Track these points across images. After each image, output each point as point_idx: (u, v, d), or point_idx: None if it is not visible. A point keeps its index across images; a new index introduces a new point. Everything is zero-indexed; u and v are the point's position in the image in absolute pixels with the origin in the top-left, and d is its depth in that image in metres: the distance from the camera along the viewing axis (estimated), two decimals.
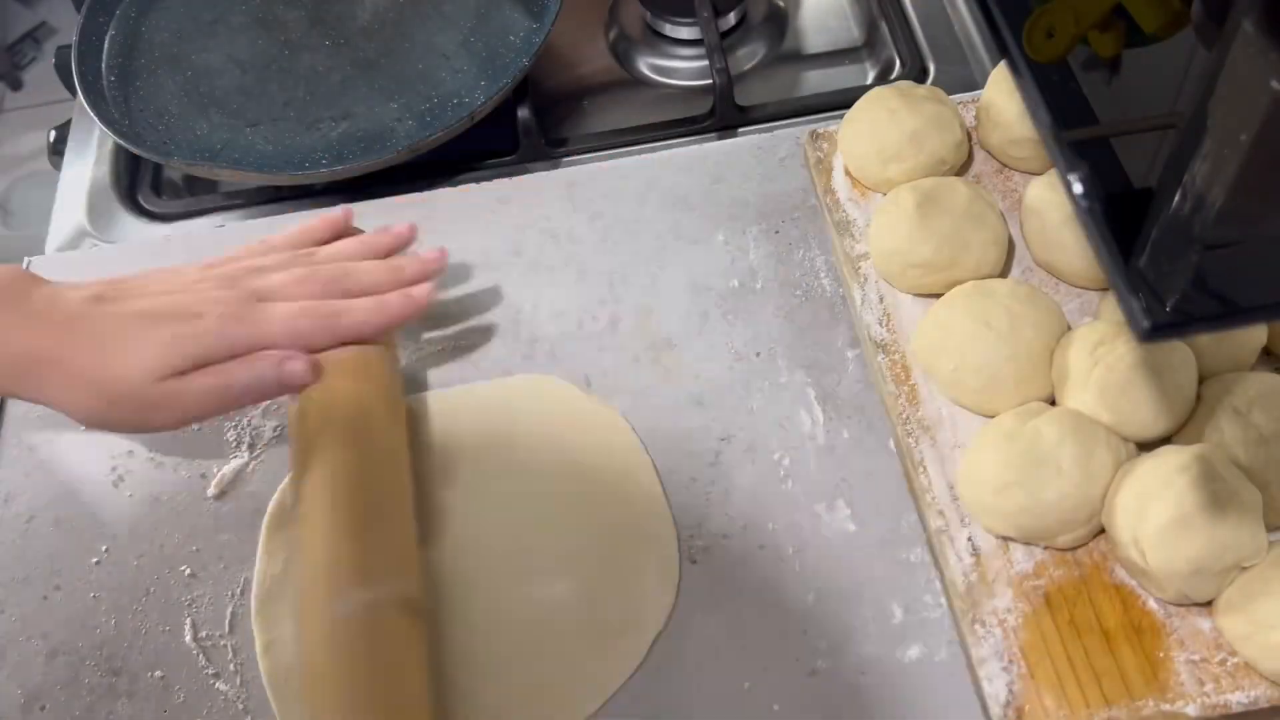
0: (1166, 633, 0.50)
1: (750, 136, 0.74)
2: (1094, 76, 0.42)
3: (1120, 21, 0.41)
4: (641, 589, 0.55)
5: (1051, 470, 0.51)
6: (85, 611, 0.57)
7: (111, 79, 0.78)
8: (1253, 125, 0.30)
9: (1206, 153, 0.32)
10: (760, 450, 0.59)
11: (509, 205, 0.71)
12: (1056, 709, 0.49)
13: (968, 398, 0.57)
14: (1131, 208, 0.35)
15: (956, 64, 0.78)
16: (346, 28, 0.81)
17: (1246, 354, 0.56)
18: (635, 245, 0.68)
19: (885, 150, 0.65)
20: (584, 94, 0.86)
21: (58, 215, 0.77)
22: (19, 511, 0.61)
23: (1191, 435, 0.54)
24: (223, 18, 0.82)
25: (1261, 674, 0.48)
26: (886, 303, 0.62)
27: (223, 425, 0.63)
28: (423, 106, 0.76)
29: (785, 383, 0.62)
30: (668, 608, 0.54)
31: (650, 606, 0.54)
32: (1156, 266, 0.33)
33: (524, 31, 0.79)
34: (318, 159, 0.73)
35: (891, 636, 0.53)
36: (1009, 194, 0.66)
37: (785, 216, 0.69)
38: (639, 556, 0.56)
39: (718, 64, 0.77)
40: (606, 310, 0.66)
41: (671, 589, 0.55)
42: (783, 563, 0.56)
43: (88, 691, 0.55)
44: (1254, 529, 0.49)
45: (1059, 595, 0.52)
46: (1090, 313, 0.60)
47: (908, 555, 0.55)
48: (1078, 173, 0.35)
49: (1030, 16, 0.41)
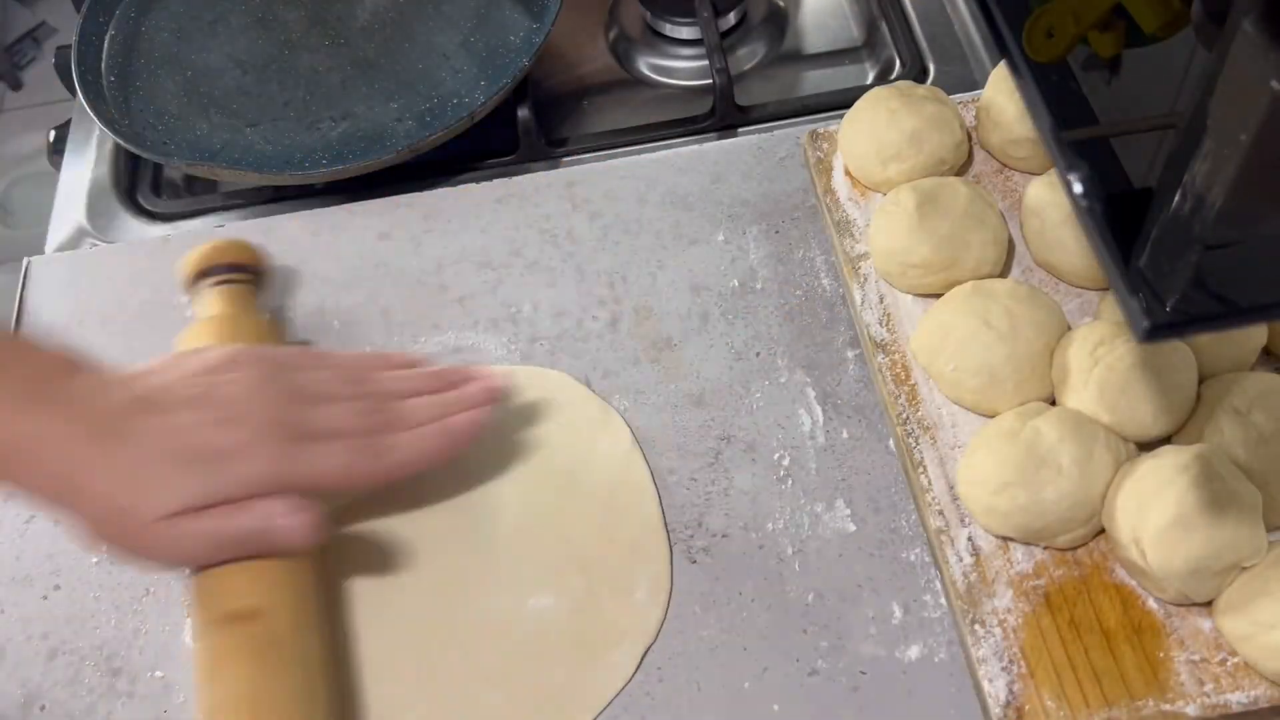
0: (1166, 633, 0.50)
1: (750, 136, 0.74)
2: (1094, 76, 0.42)
3: (1120, 21, 0.41)
4: (632, 602, 0.55)
5: (1051, 470, 0.51)
6: (85, 611, 0.57)
7: (111, 79, 0.78)
8: (1252, 125, 0.30)
9: (1206, 153, 0.32)
10: (760, 450, 0.59)
11: (509, 205, 0.71)
12: (1056, 709, 0.49)
13: (967, 398, 0.57)
14: (1131, 208, 0.35)
15: (956, 64, 0.78)
16: (346, 28, 0.81)
17: (1246, 354, 0.56)
18: (635, 245, 0.68)
19: (885, 150, 0.65)
20: (584, 94, 0.86)
21: (57, 215, 0.77)
22: (19, 511, 0.61)
23: (1191, 435, 0.54)
24: (223, 18, 0.82)
25: (1261, 674, 0.48)
26: (886, 303, 0.62)
27: None
28: (423, 106, 0.76)
29: (785, 383, 0.62)
30: (658, 621, 0.54)
31: (641, 619, 0.54)
32: (1156, 266, 0.33)
33: (524, 31, 0.79)
34: (318, 159, 0.73)
35: (891, 636, 0.53)
36: (1009, 194, 0.66)
37: (785, 216, 0.69)
38: (631, 569, 0.56)
39: (718, 64, 0.77)
40: (606, 310, 0.66)
41: (662, 603, 0.55)
42: (782, 563, 0.56)
43: (88, 691, 0.55)
44: (1254, 529, 0.49)
45: (1059, 595, 0.52)
46: (1090, 313, 0.60)
47: (908, 555, 0.55)
48: (1078, 173, 0.35)
49: (1030, 16, 0.41)
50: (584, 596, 0.55)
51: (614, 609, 0.55)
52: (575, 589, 0.55)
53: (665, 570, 0.56)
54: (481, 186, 0.72)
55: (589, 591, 0.55)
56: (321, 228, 0.71)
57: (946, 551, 0.53)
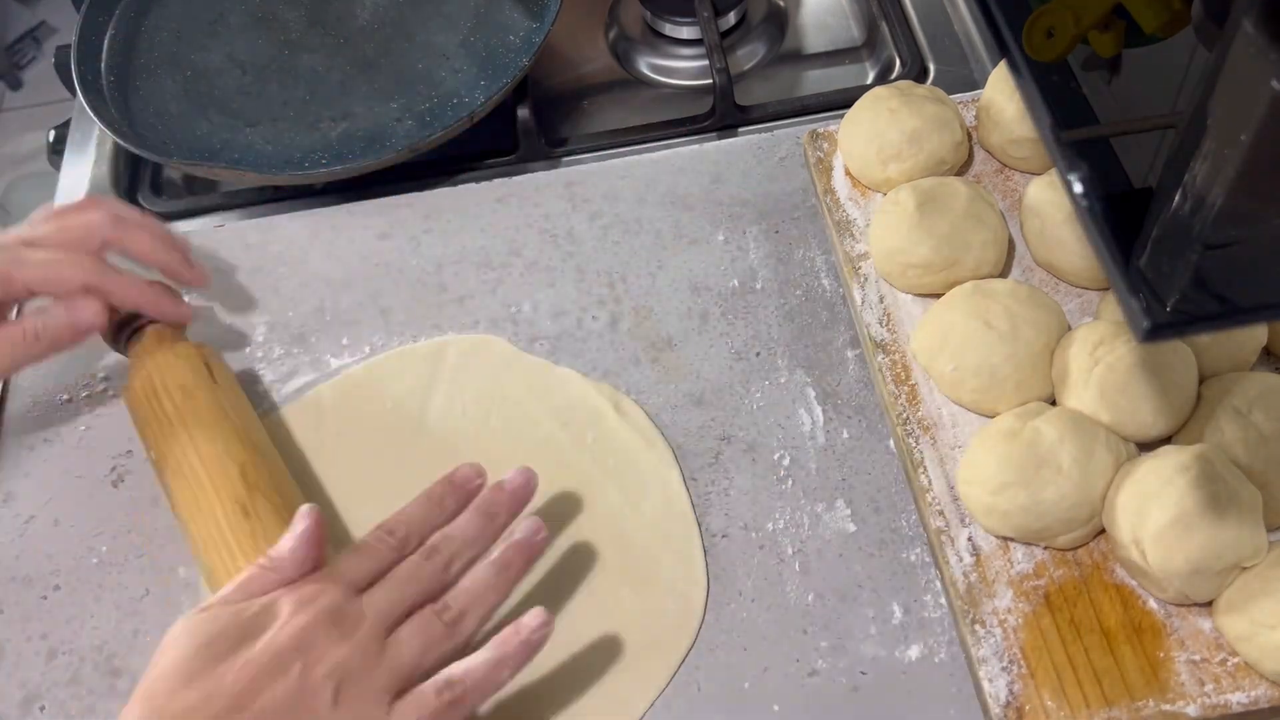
0: (1167, 633, 0.50)
1: (750, 136, 0.74)
2: (1094, 76, 0.42)
3: (1120, 21, 0.41)
4: (666, 612, 0.54)
5: (1051, 470, 0.51)
6: (85, 611, 0.57)
7: (111, 79, 0.78)
8: (1252, 125, 0.29)
9: (1206, 153, 0.32)
10: (760, 450, 0.59)
11: (508, 205, 0.71)
12: (1056, 709, 0.49)
13: (967, 398, 0.57)
14: (1131, 208, 0.35)
15: (956, 64, 0.78)
16: (346, 28, 0.81)
17: (1246, 354, 0.56)
18: (635, 245, 0.68)
19: (885, 150, 0.65)
20: (584, 94, 0.86)
21: None
22: (19, 511, 0.61)
23: (1191, 435, 0.54)
24: (223, 18, 0.82)
25: (1261, 674, 0.48)
26: (886, 303, 0.62)
27: None
28: (423, 106, 0.76)
29: (785, 382, 0.62)
30: (693, 632, 0.54)
31: (676, 631, 0.54)
32: (1156, 266, 0.33)
33: (524, 31, 0.79)
34: (318, 159, 0.73)
35: (891, 636, 0.53)
36: (1009, 194, 0.66)
37: (785, 216, 0.69)
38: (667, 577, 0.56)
39: (718, 64, 0.77)
40: (606, 310, 0.66)
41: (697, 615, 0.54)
42: (783, 563, 0.56)
43: (88, 691, 0.55)
44: (1254, 529, 0.49)
45: (1059, 595, 0.52)
46: (1090, 313, 0.60)
47: (908, 555, 0.55)
48: (1078, 173, 0.35)
49: (1030, 16, 0.41)
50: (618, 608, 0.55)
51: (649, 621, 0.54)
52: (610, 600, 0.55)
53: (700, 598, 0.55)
54: (481, 186, 0.72)
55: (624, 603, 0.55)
56: (321, 228, 0.71)
57: (946, 551, 0.53)
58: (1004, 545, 0.53)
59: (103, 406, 0.64)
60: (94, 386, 0.65)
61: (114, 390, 0.65)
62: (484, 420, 0.62)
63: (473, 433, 0.61)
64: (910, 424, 0.58)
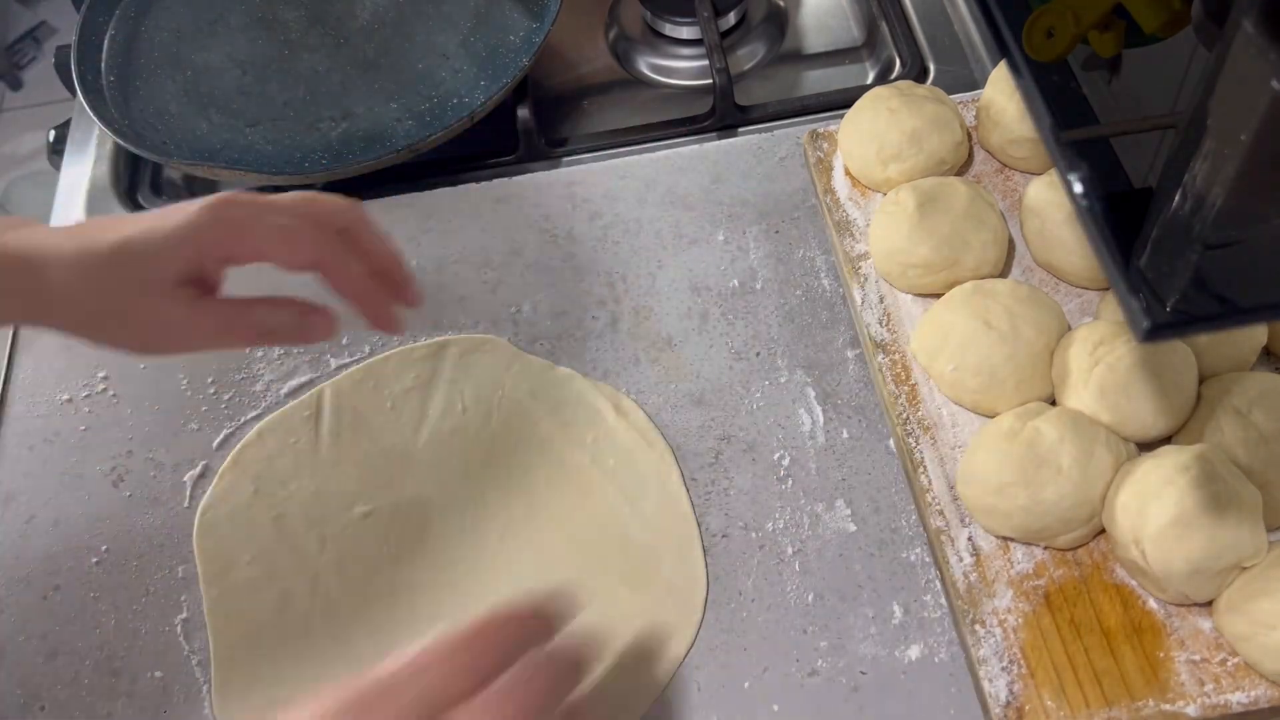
0: (1167, 633, 0.50)
1: (750, 136, 0.74)
2: (1094, 76, 0.42)
3: (1120, 21, 0.41)
4: (666, 612, 0.55)
5: (1051, 470, 0.51)
6: (85, 611, 0.57)
7: (111, 79, 0.78)
8: (1252, 125, 0.29)
9: (1206, 153, 0.32)
10: (760, 450, 0.59)
11: (508, 205, 0.71)
12: (1056, 709, 0.49)
13: (968, 398, 0.57)
14: (1131, 208, 0.35)
15: (956, 64, 0.78)
16: (346, 28, 0.81)
17: (1246, 354, 0.56)
18: (635, 245, 0.68)
19: (885, 150, 0.65)
20: (584, 94, 0.86)
21: (58, 215, 0.77)
22: (19, 511, 0.61)
23: (1191, 435, 0.54)
24: (223, 18, 0.82)
25: (1261, 674, 0.48)
26: (886, 303, 0.62)
27: (221, 426, 0.63)
28: (423, 106, 0.76)
29: (785, 382, 0.62)
30: (693, 632, 0.54)
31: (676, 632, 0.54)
32: (1156, 266, 0.33)
33: (524, 31, 0.79)
34: (318, 159, 0.73)
35: (891, 636, 0.53)
36: (1009, 194, 0.66)
37: (785, 216, 0.69)
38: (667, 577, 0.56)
39: (718, 64, 0.77)
40: (606, 310, 0.66)
41: (697, 615, 0.54)
42: (783, 563, 0.56)
43: (87, 691, 0.55)
44: (1254, 529, 0.49)
45: (1059, 595, 0.52)
46: (1090, 313, 0.60)
47: (908, 555, 0.55)
48: (1078, 173, 0.35)
49: (1030, 16, 0.41)
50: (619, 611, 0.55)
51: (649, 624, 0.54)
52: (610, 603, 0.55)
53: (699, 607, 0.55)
54: (481, 186, 0.72)
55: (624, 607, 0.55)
56: None
57: (946, 551, 0.53)
58: (1004, 545, 0.53)
59: (103, 406, 0.65)
60: (94, 386, 0.65)
61: (114, 390, 0.65)
62: (484, 420, 0.62)
63: (473, 433, 0.61)
64: (910, 424, 0.58)
